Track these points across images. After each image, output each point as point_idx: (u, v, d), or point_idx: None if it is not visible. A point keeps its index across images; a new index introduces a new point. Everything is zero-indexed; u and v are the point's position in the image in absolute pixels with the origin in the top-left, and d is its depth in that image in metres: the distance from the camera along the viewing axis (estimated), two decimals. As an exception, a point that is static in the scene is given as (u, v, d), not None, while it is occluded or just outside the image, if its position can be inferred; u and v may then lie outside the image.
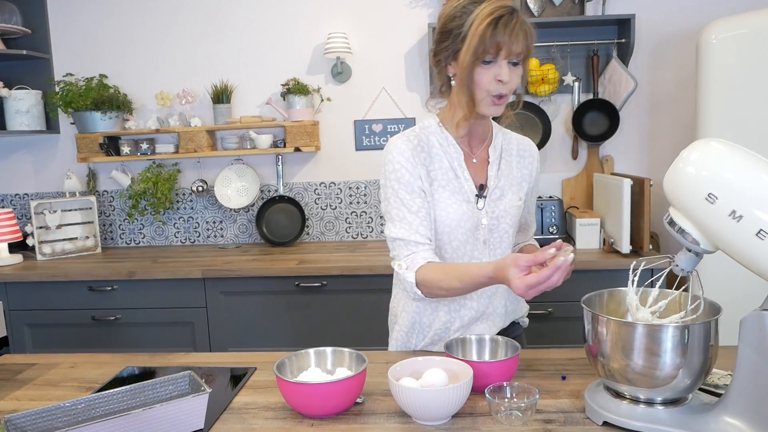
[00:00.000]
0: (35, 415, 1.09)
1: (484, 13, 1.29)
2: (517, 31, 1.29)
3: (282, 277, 2.67)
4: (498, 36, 1.28)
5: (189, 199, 3.32)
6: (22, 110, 3.12)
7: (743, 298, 1.49)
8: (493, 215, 1.46)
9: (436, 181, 1.42)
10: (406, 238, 1.39)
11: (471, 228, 1.44)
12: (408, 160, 1.40)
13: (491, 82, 1.32)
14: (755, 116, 2.34)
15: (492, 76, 1.32)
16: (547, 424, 1.13)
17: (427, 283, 1.35)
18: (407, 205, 1.40)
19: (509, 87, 1.34)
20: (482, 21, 1.28)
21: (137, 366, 1.52)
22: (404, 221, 1.39)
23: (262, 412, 1.23)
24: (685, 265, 1.08)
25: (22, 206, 3.41)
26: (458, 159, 1.45)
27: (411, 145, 1.42)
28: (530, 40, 1.33)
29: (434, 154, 1.44)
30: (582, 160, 3.13)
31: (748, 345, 0.98)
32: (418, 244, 1.39)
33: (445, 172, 1.43)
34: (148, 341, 2.78)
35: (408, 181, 1.40)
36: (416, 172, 1.40)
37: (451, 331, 1.50)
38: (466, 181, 1.44)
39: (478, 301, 1.49)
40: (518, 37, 1.29)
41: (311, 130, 3.06)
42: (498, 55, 1.30)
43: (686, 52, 2.97)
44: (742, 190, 0.94)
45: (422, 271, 1.36)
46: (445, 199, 1.42)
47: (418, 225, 1.39)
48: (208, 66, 3.22)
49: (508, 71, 1.32)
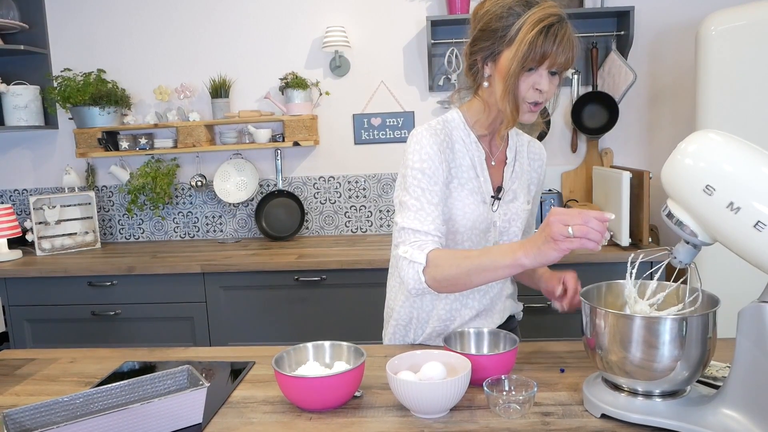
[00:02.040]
0: (34, 410, 1.09)
1: (535, 18, 1.23)
2: (566, 42, 1.24)
3: (281, 272, 2.67)
4: (547, 45, 1.22)
5: (188, 194, 3.31)
6: (20, 105, 3.12)
7: (741, 290, 1.49)
8: (505, 218, 1.45)
9: (456, 179, 1.39)
10: (420, 229, 1.32)
11: (484, 230, 1.43)
12: (435, 152, 1.35)
13: (529, 89, 1.28)
14: (754, 108, 2.33)
15: (531, 84, 1.28)
16: (546, 416, 1.13)
17: (437, 262, 1.26)
18: (428, 197, 1.34)
19: (546, 96, 1.30)
20: (533, 27, 1.22)
21: (136, 361, 1.52)
22: (422, 212, 1.33)
23: (260, 406, 1.23)
24: (683, 257, 1.08)
25: (21, 202, 3.40)
26: (480, 158, 1.42)
27: (438, 139, 1.37)
28: (575, 52, 1.27)
29: (457, 150, 1.40)
30: (581, 153, 3.12)
31: (746, 337, 0.98)
32: (429, 235, 1.32)
33: (466, 170, 1.40)
34: (148, 336, 2.78)
35: (433, 173, 1.35)
36: (441, 167, 1.36)
37: (449, 329, 1.49)
38: (485, 181, 1.42)
39: (480, 301, 1.48)
40: (566, 48, 1.24)
41: (310, 125, 3.05)
42: (542, 64, 1.26)
43: (685, 44, 2.96)
44: (740, 181, 0.93)
45: (435, 252, 1.28)
46: (463, 198, 1.39)
47: (435, 218, 1.34)
48: (207, 60, 3.21)
49: (548, 81, 1.28)
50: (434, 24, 2.94)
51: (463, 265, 1.23)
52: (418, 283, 1.29)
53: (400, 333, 1.55)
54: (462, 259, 1.24)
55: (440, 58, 3.06)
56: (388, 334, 1.58)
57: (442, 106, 3.10)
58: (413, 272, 1.29)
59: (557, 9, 1.25)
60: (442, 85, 3.10)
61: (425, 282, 1.28)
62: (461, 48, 3.02)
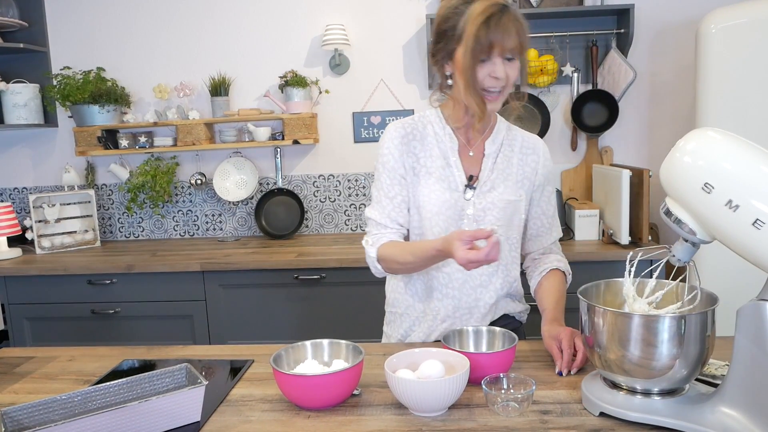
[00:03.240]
0: (32, 408, 1.09)
1: (476, 12, 1.31)
2: (509, 27, 1.30)
3: (281, 270, 2.67)
4: (492, 35, 1.29)
5: (188, 192, 3.31)
6: (20, 104, 3.12)
7: (740, 289, 1.49)
8: (480, 206, 1.46)
9: (424, 168, 1.47)
10: (378, 220, 1.49)
11: (453, 216, 1.46)
12: (396, 147, 1.47)
13: (486, 78, 1.34)
14: (754, 106, 2.33)
15: (487, 73, 1.34)
16: (544, 415, 1.13)
17: (386, 257, 1.44)
18: (385, 190, 1.48)
19: (507, 82, 1.36)
20: (475, 21, 1.30)
21: (136, 359, 1.52)
22: (380, 204, 1.49)
23: (259, 404, 1.23)
24: (681, 255, 1.07)
25: (20, 200, 3.40)
26: (452, 149, 1.48)
27: (403, 133, 1.47)
28: (523, 35, 1.33)
29: (428, 142, 1.48)
30: (581, 152, 3.12)
31: (745, 335, 0.98)
32: (387, 227, 1.48)
33: (435, 160, 1.47)
34: (148, 334, 2.78)
35: (392, 167, 1.47)
36: (401, 160, 1.47)
37: (437, 321, 1.52)
38: (458, 170, 1.47)
39: (462, 291, 1.50)
40: (510, 34, 1.31)
41: (309, 123, 3.05)
42: (491, 54, 1.32)
43: (685, 42, 2.96)
44: (738, 179, 0.93)
45: (383, 247, 1.45)
46: (430, 185, 1.46)
47: (391, 210, 1.48)
48: (206, 59, 3.21)
49: (503, 67, 1.33)
50: (434, 22, 2.93)
51: (402, 260, 1.42)
52: (376, 271, 1.50)
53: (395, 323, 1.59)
54: (401, 255, 1.42)
55: (440, 56, 3.05)
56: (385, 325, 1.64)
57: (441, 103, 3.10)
58: (370, 261, 1.49)
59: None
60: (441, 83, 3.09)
61: (381, 269, 1.49)
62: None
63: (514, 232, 1.53)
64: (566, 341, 1.32)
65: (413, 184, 1.47)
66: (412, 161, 1.47)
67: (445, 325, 1.51)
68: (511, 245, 1.53)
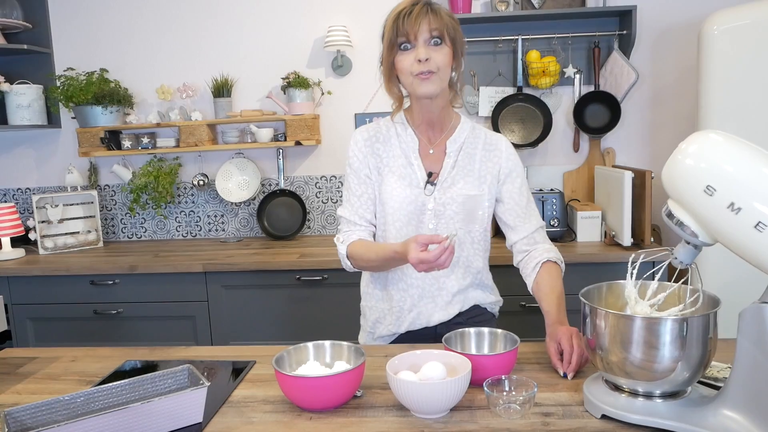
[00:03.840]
0: (34, 409, 1.10)
1: (391, 13, 1.48)
2: (420, 16, 1.42)
3: (283, 271, 2.67)
4: (403, 26, 1.43)
5: (190, 193, 3.32)
6: (24, 105, 3.12)
7: (742, 291, 1.49)
8: (440, 201, 1.54)
9: (387, 167, 1.58)
10: (348, 218, 1.60)
11: (415, 211, 1.55)
12: (360, 149, 1.59)
13: (412, 64, 1.44)
14: (757, 107, 2.32)
15: (411, 59, 1.44)
16: (546, 417, 1.13)
17: (354, 255, 1.55)
18: (352, 190, 1.60)
19: (431, 65, 1.43)
20: (389, 20, 1.47)
21: (138, 360, 1.53)
22: (349, 203, 1.61)
23: (261, 405, 1.23)
24: (683, 257, 1.07)
25: (24, 200, 3.41)
26: (413, 148, 1.57)
27: (366, 136, 1.60)
28: (440, 21, 1.44)
29: (391, 143, 1.59)
30: (583, 153, 3.12)
31: (747, 338, 0.98)
32: (356, 225, 1.60)
33: (397, 159, 1.57)
34: (150, 335, 2.78)
35: (357, 168, 1.59)
36: (365, 161, 1.59)
37: (404, 310, 1.59)
38: (418, 168, 1.56)
39: (424, 281, 1.58)
40: (422, 21, 1.42)
41: (312, 124, 3.05)
42: (410, 41, 1.44)
43: (688, 44, 2.95)
44: (740, 182, 0.93)
45: (352, 245, 1.56)
46: (392, 183, 1.56)
47: (359, 207, 1.59)
48: (209, 60, 3.22)
49: (426, 50, 1.43)
50: (436, 23, 2.93)
51: (368, 258, 1.52)
52: (347, 266, 1.60)
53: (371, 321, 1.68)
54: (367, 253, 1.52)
55: (442, 57, 3.05)
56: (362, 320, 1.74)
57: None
58: (342, 258, 1.59)
59: None
60: (444, 85, 3.09)
61: (351, 266, 1.58)
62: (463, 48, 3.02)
63: (477, 225, 1.58)
64: (566, 341, 1.33)
65: (378, 183, 1.58)
66: (375, 161, 1.58)
67: (412, 314, 1.59)
68: (473, 238, 1.59)
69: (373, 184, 1.59)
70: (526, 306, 2.53)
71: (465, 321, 1.61)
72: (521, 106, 3.04)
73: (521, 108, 3.04)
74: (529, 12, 2.86)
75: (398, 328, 1.61)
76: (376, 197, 1.59)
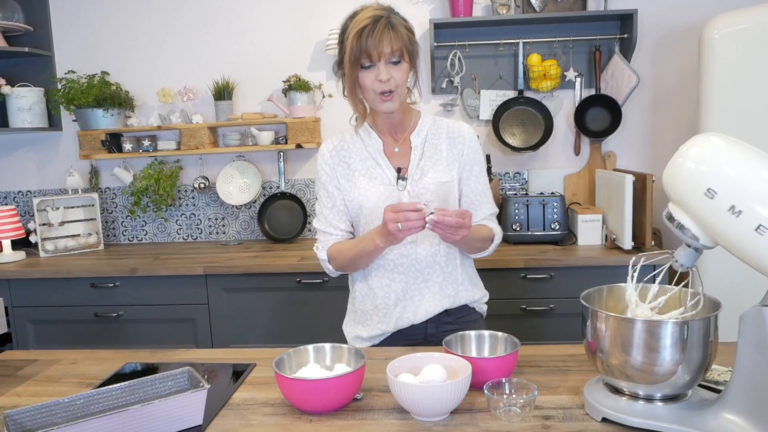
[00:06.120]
0: (34, 411, 1.10)
1: (353, 26, 1.48)
2: (382, 36, 1.45)
3: (283, 274, 2.67)
4: (365, 45, 1.45)
5: (191, 196, 3.32)
6: (25, 107, 3.13)
7: (743, 294, 1.48)
8: (414, 193, 1.58)
9: (357, 172, 1.62)
10: (323, 229, 1.65)
11: None
12: (327, 162, 1.64)
13: (374, 83, 1.49)
14: (758, 111, 2.33)
15: (373, 77, 1.48)
16: (546, 420, 1.12)
17: (334, 255, 1.61)
18: (323, 203, 1.65)
19: (392, 84, 1.48)
20: (351, 34, 1.47)
21: (138, 362, 1.53)
22: (321, 215, 1.66)
23: (261, 407, 1.23)
24: (684, 260, 1.07)
25: (24, 203, 3.41)
26: (378, 150, 1.63)
27: (331, 147, 1.66)
28: (400, 40, 1.47)
29: (356, 150, 1.64)
30: (584, 156, 3.12)
31: (747, 341, 0.98)
32: (331, 234, 1.64)
33: (365, 162, 1.62)
34: (151, 338, 2.78)
35: (324, 181, 1.64)
36: (332, 173, 1.63)
37: (390, 305, 1.61)
38: (387, 167, 1.61)
39: (407, 275, 1.60)
40: (383, 42, 1.45)
41: (313, 127, 3.05)
42: (372, 60, 1.47)
43: (689, 47, 2.95)
44: (741, 185, 0.93)
45: (330, 248, 1.63)
46: (364, 185, 1.60)
47: (332, 218, 1.64)
48: (210, 63, 3.22)
49: (386, 70, 1.47)
50: (437, 27, 2.94)
51: (348, 254, 1.57)
52: (329, 271, 1.66)
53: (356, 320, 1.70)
54: (347, 250, 1.58)
55: (443, 60, 3.06)
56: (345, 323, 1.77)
57: (445, 109, 3.10)
58: (323, 263, 1.65)
59: (372, 12, 1.48)
60: (444, 88, 3.10)
61: (333, 269, 1.64)
62: (464, 51, 3.03)
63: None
64: None
65: (349, 190, 1.61)
66: (343, 169, 1.63)
67: (399, 308, 1.60)
68: None
69: (342, 195, 1.63)
70: (526, 309, 2.52)
71: (454, 320, 1.64)
72: (522, 110, 3.04)
73: (522, 111, 3.04)
74: (530, 15, 2.87)
75: (387, 326, 1.62)
76: (347, 205, 1.63)
